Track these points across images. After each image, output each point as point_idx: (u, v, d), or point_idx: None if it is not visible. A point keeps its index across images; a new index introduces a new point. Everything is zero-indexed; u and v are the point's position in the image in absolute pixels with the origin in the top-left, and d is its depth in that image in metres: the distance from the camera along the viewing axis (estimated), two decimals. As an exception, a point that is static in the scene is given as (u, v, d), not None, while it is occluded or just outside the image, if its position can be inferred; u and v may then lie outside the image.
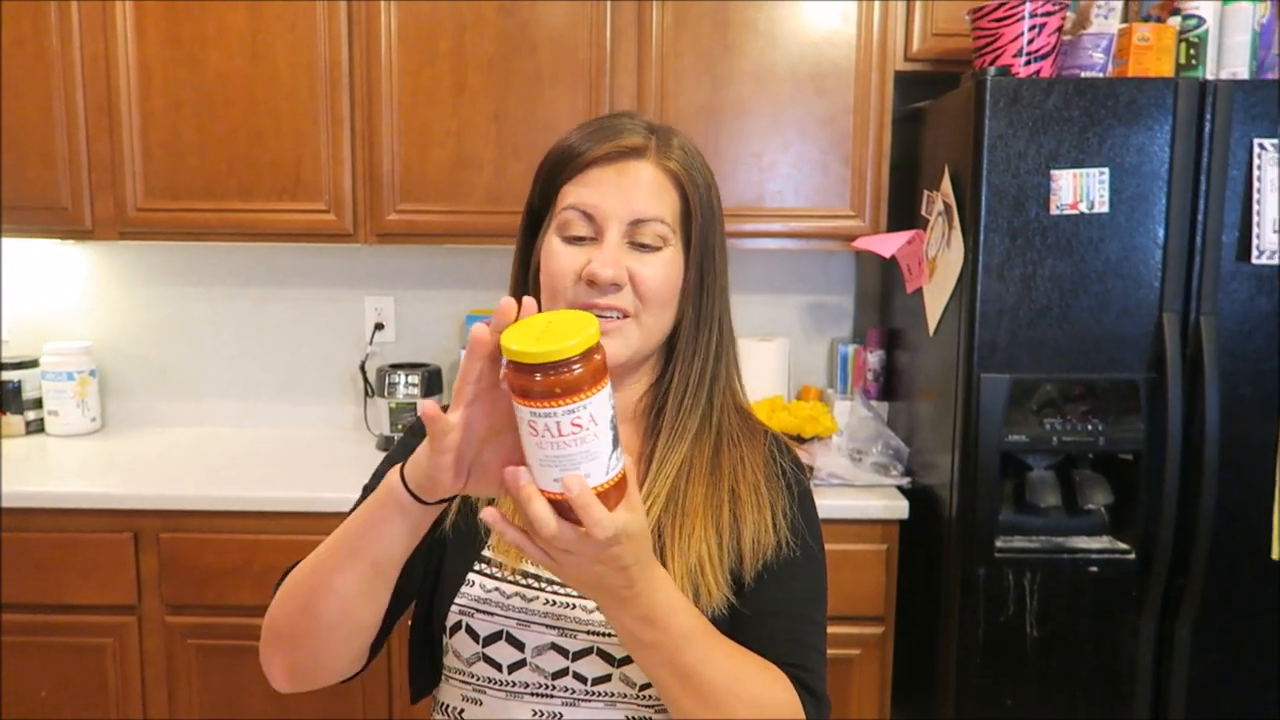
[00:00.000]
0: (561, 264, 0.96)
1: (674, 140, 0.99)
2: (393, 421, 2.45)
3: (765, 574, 0.96)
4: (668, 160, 0.97)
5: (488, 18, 2.23)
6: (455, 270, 2.67)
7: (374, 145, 2.27)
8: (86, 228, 2.31)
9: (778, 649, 0.93)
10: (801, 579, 0.99)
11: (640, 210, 0.95)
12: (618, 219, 0.95)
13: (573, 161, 0.97)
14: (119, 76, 2.25)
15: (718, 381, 1.02)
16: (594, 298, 0.95)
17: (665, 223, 0.96)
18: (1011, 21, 1.91)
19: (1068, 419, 1.86)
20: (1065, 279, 1.83)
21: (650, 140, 0.98)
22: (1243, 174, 1.80)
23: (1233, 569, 1.87)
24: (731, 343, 1.05)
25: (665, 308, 0.98)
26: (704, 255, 0.99)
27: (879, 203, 2.28)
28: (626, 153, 0.96)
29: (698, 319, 1.00)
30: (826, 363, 2.70)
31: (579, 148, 0.97)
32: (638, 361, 1.01)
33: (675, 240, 0.98)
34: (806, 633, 0.97)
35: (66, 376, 2.53)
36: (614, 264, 0.94)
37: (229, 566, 2.06)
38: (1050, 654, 1.91)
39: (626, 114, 1.02)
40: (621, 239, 0.96)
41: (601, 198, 0.95)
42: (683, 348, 1.01)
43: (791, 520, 1.00)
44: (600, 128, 0.98)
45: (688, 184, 0.98)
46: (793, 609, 0.97)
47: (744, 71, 2.24)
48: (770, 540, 0.97)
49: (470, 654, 0.98)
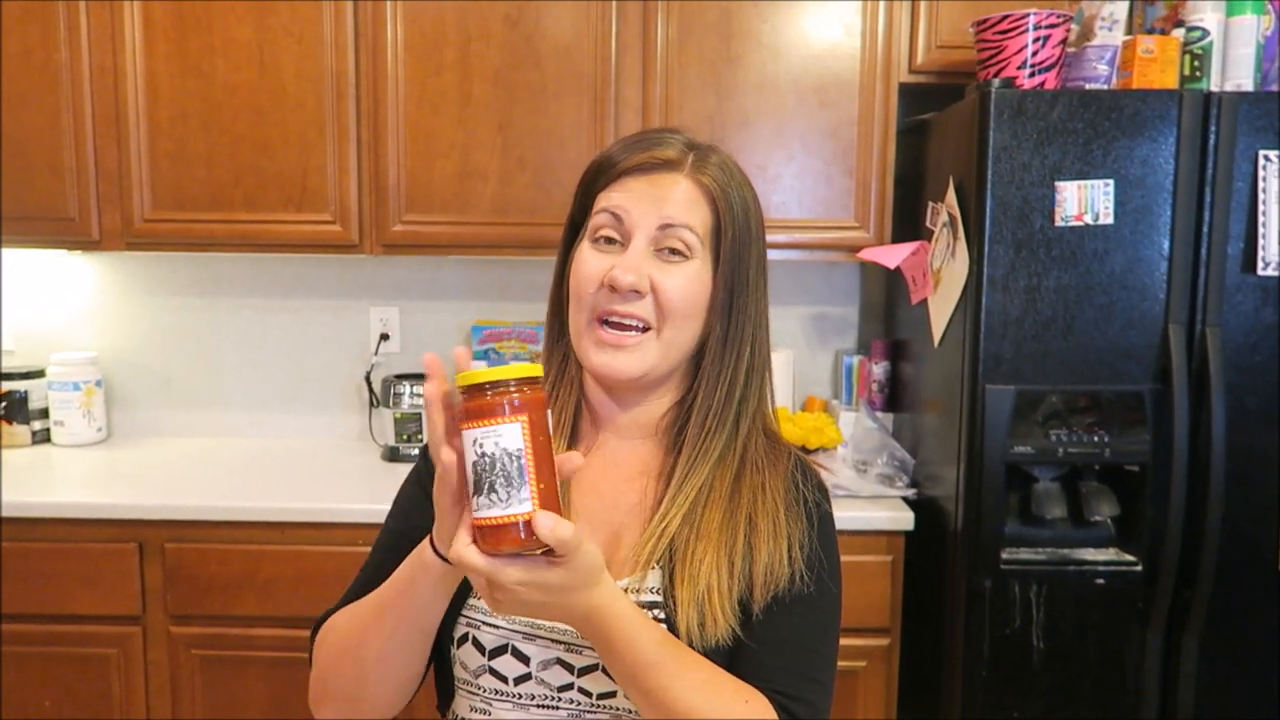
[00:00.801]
0: (586, 269, 0.96)
1: (712, 157, 0.99)
2: (397, 432, 2.45)
3: (775, 605, 0.95)
4: (702, 175, 0.97)
5: (493, 29, 2.24)
6: (460, 281, 2.67)
7: (380, 156, 2.28)
8: (93, 238, 2.31)
9: (774, 679, 0.91)
10: (812, 612, 0.97)
11: (669, 215, 0.95)
12: (645, 225, 0.95)
13: (609, 170, 0.98)
14: (127, 88, 2.26)
15: (745, 404, 1.00)
16: (614, 304, 0.95)
17: (694, 231, 0.96)
18: (1016, 34, 1.92)
19: (1073, 430, 1.86)
20: (1070, 290, 1.83)
21: (687, 155, 0.98)
22: (1248, 185, 1.80)
23: (1239, 581, 1.87)
24: (765, 367, 1.03)
25: (688, 321, 0.97)
26: (734, 273, 0.98)
27: (883, 214, 2.28)
28: (661, 164, 0.97)
29: (725, 337, 0.99)
30: (831, 374, 2.70)
31: (615, 157, 0.98)
32: (658, 377, 0.99)
33: (704, 253, 0.97)
34: (807, 665, 0.95)
35: (72, 387, 2.54)
36: (635, 270, 0.94)
37: (233, 577, 2.06)
38: (1056, 666, 1.90)
39: (670, 130, 1.02)
40: (648, 246, 0.96)
41: (632, 202, 0.96)
42: (709, 366, 0.99)
43: (809, 553, 0.97)
44: (640, 140, 0.99)
45: (720, 199, 0.97)
46: (801, 640, 0.95)
47: (748, 84, 2.25)
48: (784, 572, 0.96)
49: (476, 666, 0.98)
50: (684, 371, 1.02)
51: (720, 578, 0.94)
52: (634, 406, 1.02)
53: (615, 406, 1.03)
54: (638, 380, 0.97)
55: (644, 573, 0.95)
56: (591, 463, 1.03)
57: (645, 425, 1.03)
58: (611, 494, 1.02)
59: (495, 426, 0.74)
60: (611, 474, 1.03)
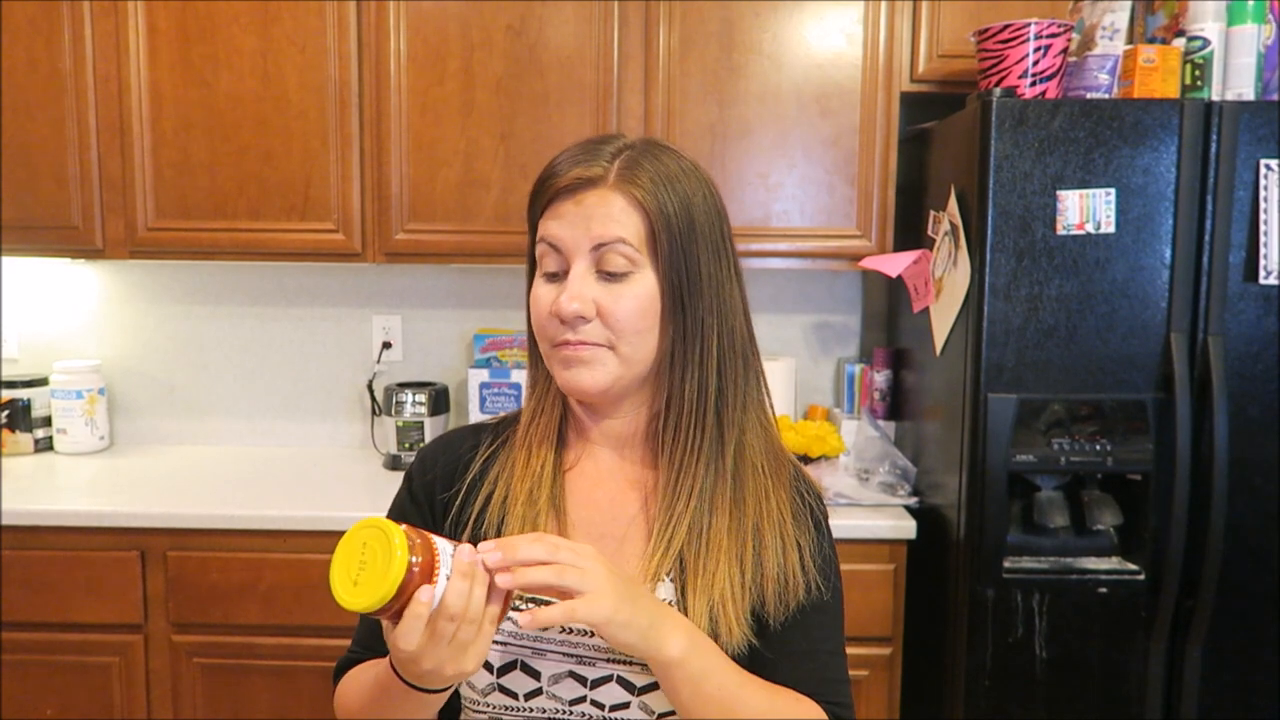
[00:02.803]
0: (539, 306, 0.98)
1: (644, 160, 0.96)
2: (399, 440, 2.46)
3: (796, 616, 0.97)
4: (629, 184, 0.94)
5: (496, 39, 2.25)
6: (463, 289, 2.68)
7: (382, 165, 2.28)
8: (97, 247, 2.32)
9: (811, 687, 0.96)
10: (830, 617, 1.01)
11: (599, 234, 0.93)
12: (580, 249, 0.94)
13: (543, 195, 0.97)
14: (131, 97, 2.27)
15: (723, 397, 0.98)
16: (566, 334, 0.95)
17: (628, 244, 0.93)
18: (1017, 43, 1.92)
19: (1075, 439, 1.86)
20: (1072, 299, 1.83)
21: (610, 168, 0.95)
22: (1249, 194, 1.80)
23: (1243, 590, 1.86)
24: (742, 358, 1.00)
25: (642, 335, 0.95)
26: (677, 273, 0.95)
27: (885, 223, 2.29)
28: (585, 182, 0.94)
29: (684, 336, 0.96)
30: (833, 382, 2.70)
31: (545, 179, 0.97)
32: (624, 388, 0.99)
33: (645, 262, 0.95)
34: (835, 668, 1.00)
35: (75, 395, 2.54)
36: (579, 298, 0.93)
37: (236, 585, 2.06)
38: (1059, 676, 1.90)
39: (608, 137, 0.99)
40: (588, 270, 0.94)
41: (564, 229, 0.95)
42: (675, 371, 0.98)
43: (820, 563, 1.00)
44: (569, 155, 0.97)
45: (650, 205, 0.94)
46: (825, 648, 0.99)
47: (750, 93, 2.26)
48: (800, 583, 0.97)
49: (485, 685, 0.97)
50: (656, 379, 1.00)
51: (733, 588, 0.94)
52: (611, 418, 1.03)
53: (593, 419, 1.04)
54: (605, 393, 0.97)
55: (654, 585, 0.95)
56: (584, 471, 1.04)
57: (625, 436, 1.03)
58: (609, 504, 1.02)
59: (426, 588, 0.78)
60: (606, 484, 1.03)
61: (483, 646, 0.81)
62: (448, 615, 0.78)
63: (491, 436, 1.07)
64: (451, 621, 0.78)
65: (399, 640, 0.78)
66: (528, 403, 1.07)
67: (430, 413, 2.47)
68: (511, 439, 1.06)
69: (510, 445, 1.05)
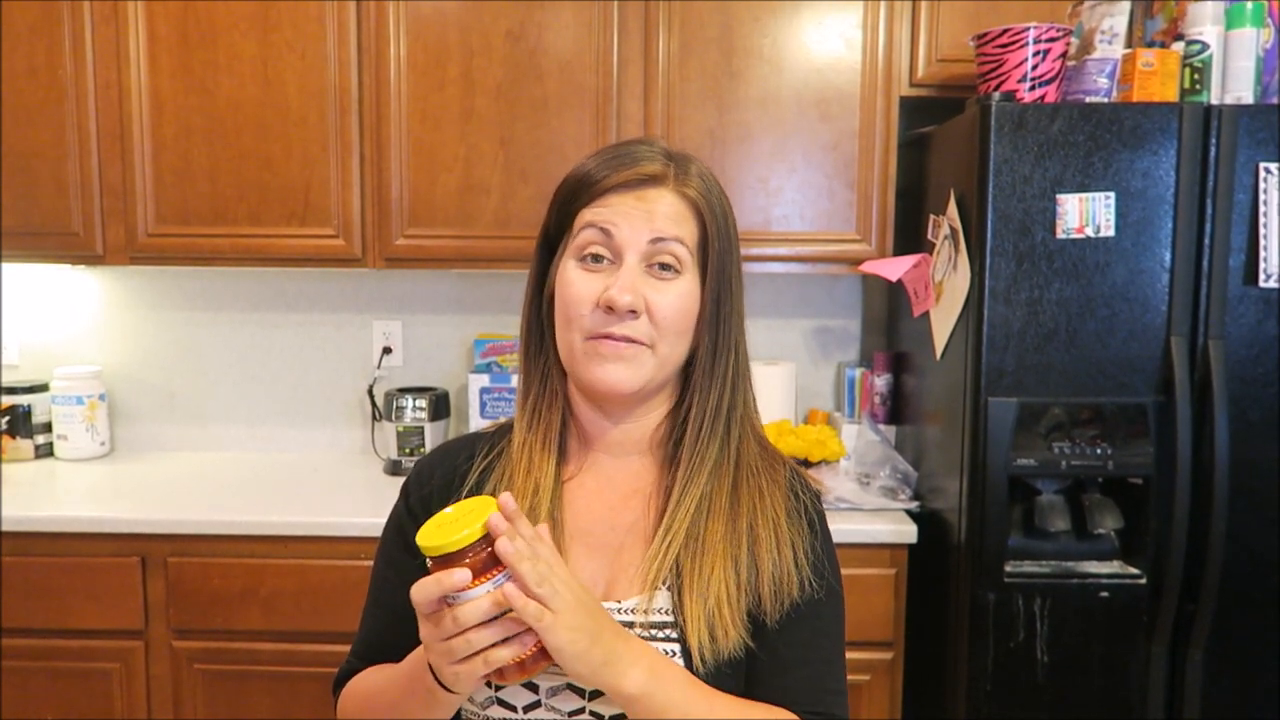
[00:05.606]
0: (577, 291, 0.95)
1: (692, 168, 0.98)
2: (400, 445, 2.46)
3: (790, 617, 0.96)
4: (686, 188, 0.96)
5: (496, 45, 2.25)
6: (463, 295, 2.68)
7: (382, 170, 2.28)
8: (98, 253, 2.32)
9: (801, 698, 0.94)
10: (825, 620, 0.99)
11: (660, 229, 0.94)
12: (636, 243, 0.94)
13: (591, 188, 0.96)
14: (131, 104, 2.27)
15: (735, 410, 1.00)
16: (610, 325, 0.93)
17: (684, 244, 0.95)
18: (1016, 47, 1.93)
19: (1076, 443, 1.86)
20: (1072, 303, 1.83)
21: (669, 168, 0.97)
22: (1249, 198, 1.80)
23: (1244, 593, 1.86)
24: (747, 370, 1.03)
25: (681, 337, 0.96)
26: (720, 283, 0.97)
27: (885, 227, 2.29)
28: (646, 180, 0.95)
29: (715, 348, 0.98)
30: (833, 386, 2.70)
31: (596, 174, 0.96)
32: (652, 390, 0.99)
33: (693, 266, 0.96)
34: (829, 678, 0.98)
35: (76, 401, 2.54)
36: (632, 290, 0.93)
37: (236, 591, 2.06)
38: (1061, 680, 1.90)
39: (644, 141, 1.01)
40: (640, 263, 0.94)
41: (621, 217, 0.94)
42: (700, 378, 0.98)
43: (814, 561, 0.99)
44: (618, 155, 0.97)
45: (706, 211, 0.97)
46: (818, 655, 0.97)
47: (749, 98, 2.26)
48: (793, 581, 0.96)
49: (484, 698, 0.97)
50: (673, 384, 1.01)
51: (729, 590, 0.94)
52: (625, 421, 1.02)
53: (607, 423, 1.02)
54: (634, 394, 0.97)
55: (651, 593, 0.95)
56: (584, 483, 1.03)
57: (638, 441, 1.02)
58: (607, 514, 1.01)
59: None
60: (606, 493, 1.02)
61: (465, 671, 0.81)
62: (454, 615, 0.79)
63: (488, 446, 1.06)
64: (454, 623, 0.79)
65: (415, 586, 0.80)
66: (522, 408, 1.05)
67: (431, 418, 2.47)
68: (508, 449, 1.04)
69: (507, 455, 1.04)
